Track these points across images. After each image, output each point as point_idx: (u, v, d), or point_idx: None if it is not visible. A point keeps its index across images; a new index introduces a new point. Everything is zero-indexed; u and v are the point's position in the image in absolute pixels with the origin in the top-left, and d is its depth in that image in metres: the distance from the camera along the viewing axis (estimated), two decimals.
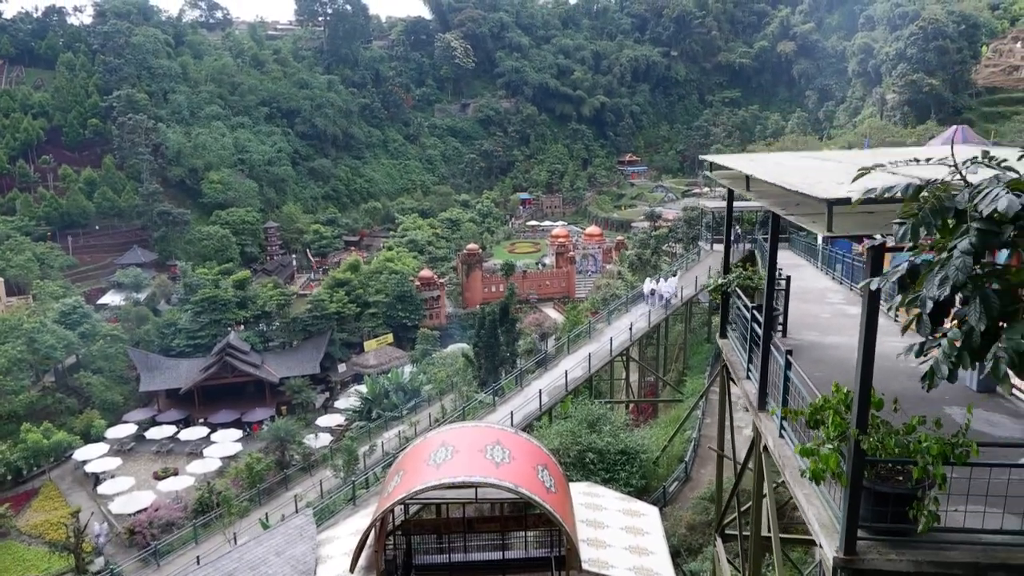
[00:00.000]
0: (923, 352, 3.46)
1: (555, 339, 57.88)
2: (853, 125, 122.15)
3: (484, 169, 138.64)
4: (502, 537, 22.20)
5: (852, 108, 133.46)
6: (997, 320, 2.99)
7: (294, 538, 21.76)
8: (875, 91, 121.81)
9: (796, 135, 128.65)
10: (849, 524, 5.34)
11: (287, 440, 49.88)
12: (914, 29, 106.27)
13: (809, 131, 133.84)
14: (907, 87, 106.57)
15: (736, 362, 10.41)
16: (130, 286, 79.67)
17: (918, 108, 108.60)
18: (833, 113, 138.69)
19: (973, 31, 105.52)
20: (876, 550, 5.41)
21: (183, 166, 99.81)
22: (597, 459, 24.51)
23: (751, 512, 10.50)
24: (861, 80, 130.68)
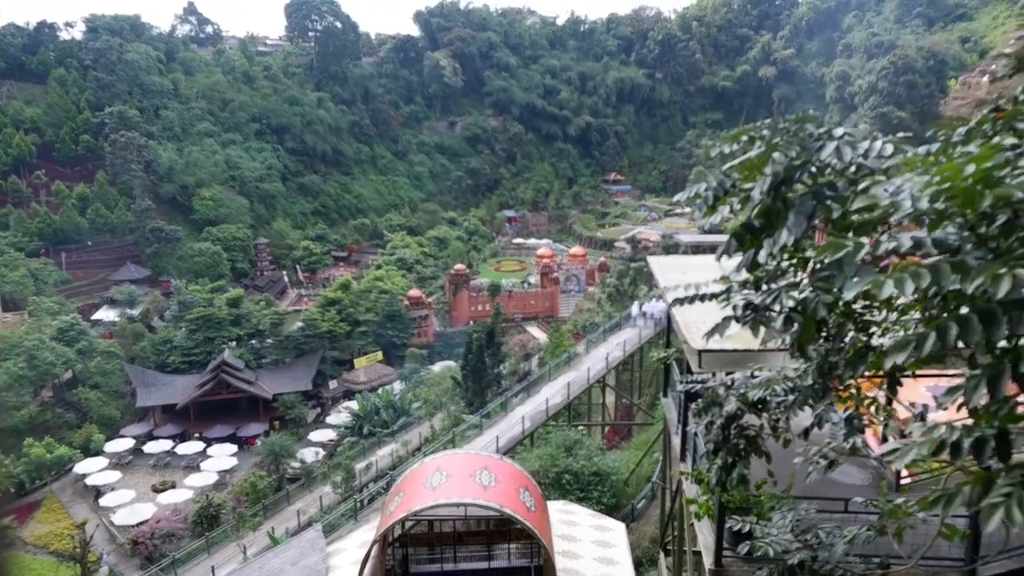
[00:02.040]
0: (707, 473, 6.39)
1: (539, 358, 60.89)
2: None
3: (471, 187, 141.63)
4: (488, 549, 25.33)
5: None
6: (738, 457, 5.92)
7: (307, 550, 24.58)
8: (851, 117, 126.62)
9: None
10: (717, 547, 8.30)
11: (281, 455, 52.43)
12: (885, 64, 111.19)
13: None
14: (878, 119, 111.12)
15: (671, 420, 13.37)
16: (124, 302, 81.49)
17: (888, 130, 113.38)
18: None
19: (941, 66, 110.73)
20: (736, 564, 8.37)
21: (175, 183, 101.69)
22: (573, 480, 27.47)
23: (680, 534, 13.48)
24: (838, 106, 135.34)
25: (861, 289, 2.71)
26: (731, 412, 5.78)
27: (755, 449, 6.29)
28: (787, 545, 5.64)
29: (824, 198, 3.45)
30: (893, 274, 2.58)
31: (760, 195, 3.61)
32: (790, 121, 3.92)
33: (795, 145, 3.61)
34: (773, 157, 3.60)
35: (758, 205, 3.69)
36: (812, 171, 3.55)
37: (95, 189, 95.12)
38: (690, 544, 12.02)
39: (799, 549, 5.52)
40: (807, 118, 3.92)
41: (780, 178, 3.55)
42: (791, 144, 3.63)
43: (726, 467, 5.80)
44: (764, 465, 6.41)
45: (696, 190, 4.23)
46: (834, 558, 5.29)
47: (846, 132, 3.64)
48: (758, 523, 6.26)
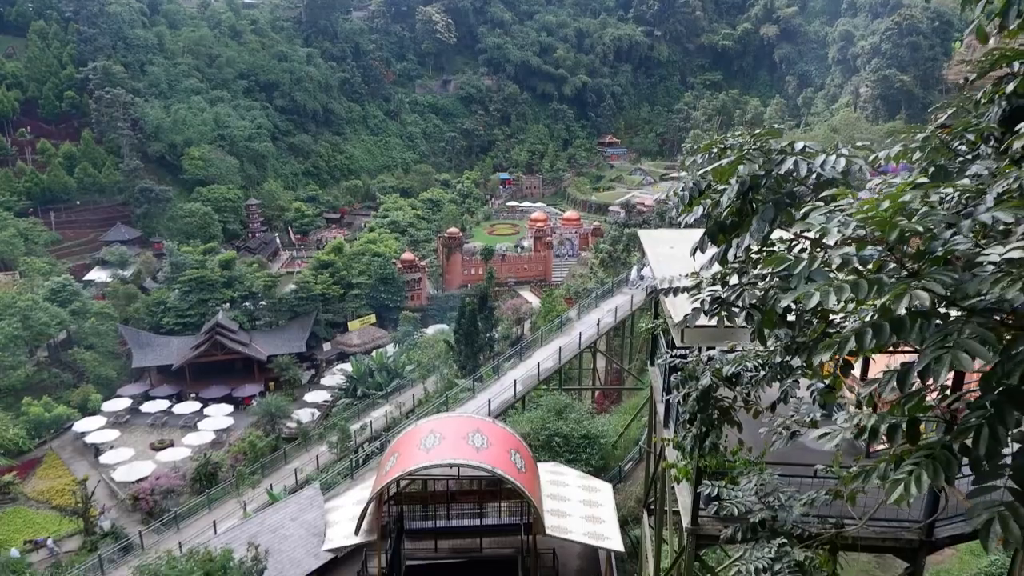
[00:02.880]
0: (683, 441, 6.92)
1: (531, 323, 61.55)
2: (830, 113, 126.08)
3: (465, 148, 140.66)
4: (480, 507, 26.26)
5: (830, 95, 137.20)
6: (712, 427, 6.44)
7: (305, 506, 25.47)
8: (853, 80, 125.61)
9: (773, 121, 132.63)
10: (693, 508, 8.91)
11: (277, 415, 53.27)
12: (890, 24, 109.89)
13: (787, 118, 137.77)
14: (880, 82, 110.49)
15: (656, 388, 13.94)
16: (115, 263, 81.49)
17: (889, 103, 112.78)
18: (812, 100, 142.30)
19: (946, 28, 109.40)
20: (710, 523, 9.00)
21: (163, 141, 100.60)
22: (563, 442, 28.29)
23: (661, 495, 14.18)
24: (840, 67, 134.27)
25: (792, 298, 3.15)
26: (706, 386, 6.27)
27: (728, 419, 6.81)
28: (751, 506, 6.18)
29: (784, 206, 3.87)
30: (819, 287, 3.02)
31: (729, 200, 4.02)
32: (757, 135, 4.31)
33: (760, 157, 4.01)
34: (738, 170, 4.01)
35: (728, 207, 4.11)
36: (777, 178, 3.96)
37: (82, 147, 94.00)
38: (670, 504, 12.70)
39: (761, 510, 6.06)
40: (772, 132, 4.32)
41: (747, 186, 3.96)
42: (756, 157, 4.03)
43: (700, 436, 6.31)
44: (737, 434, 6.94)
45: (675, 189, 4.63)
46: (791, 518, 5.83)
47: (806, 146, 4.05)
48: (726, 487, 6.80)
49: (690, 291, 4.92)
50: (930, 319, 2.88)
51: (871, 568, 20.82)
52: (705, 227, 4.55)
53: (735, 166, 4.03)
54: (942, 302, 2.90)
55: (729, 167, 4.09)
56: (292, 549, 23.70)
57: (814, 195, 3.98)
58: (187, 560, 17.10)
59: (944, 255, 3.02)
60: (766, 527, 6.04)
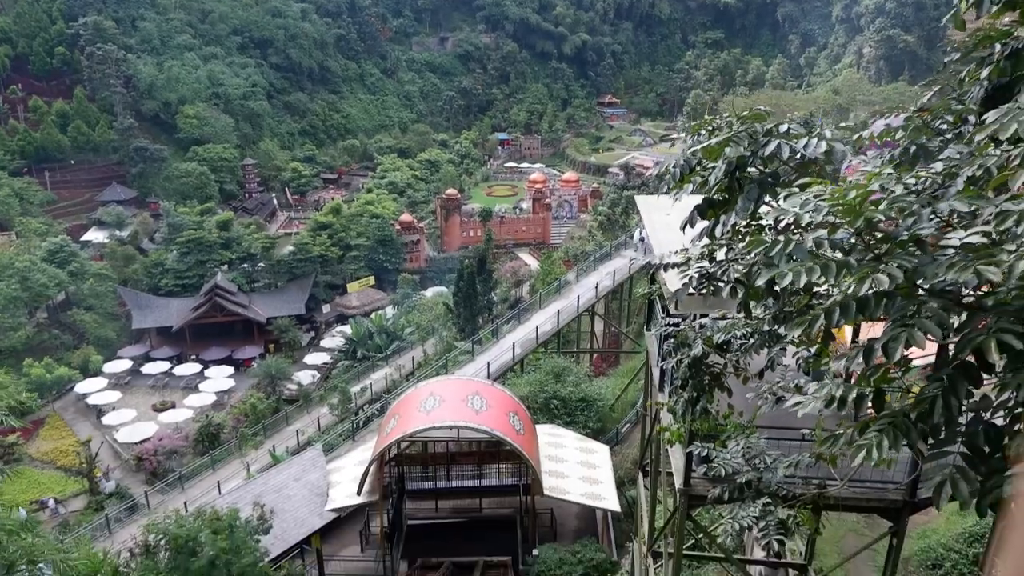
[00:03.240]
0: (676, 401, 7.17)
1: (530, 285, 61.83)
2: (833, 73, 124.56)
3: (463, 107, 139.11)
4: (479, 468, 26.87)
5: (833, 55, 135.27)
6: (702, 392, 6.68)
7: (308, 467, 26.03)
8: (856, 40, 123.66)
9: (775, 81, 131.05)
10: (685, 469, 9.23)
11: (277, 377, 53.84)
12: None
13: (789, 78, 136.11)
14: (883, 42, 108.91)
15: (652, 352, 14.20)
16: (112, 223, 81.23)
17: (892, 64, 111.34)
18: (814, 60, 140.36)
19: None
20: (701, 484, 9.33)
21: (156, 99, 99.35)
22: (560, 405, 28.77)
23: (656, 457, 14.57)
24: (844, 27, 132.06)
25: (768, 277, 3.35)
26: (697, 353, 6.49)
27: (718, 385, 7.06)
28: (738, 468, 6.46)
29: (768, 186, 4.04)
30: (793, 268, 3.21)
31: (716, 179, 4.19)
32: (743, 118, 4.45)
33: (746, 139, 4.16)
34: (725, 151, 4.17)
35: (716, 185, 4.27)
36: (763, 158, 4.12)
37: (75, 106, 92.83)
38: (664, 466, 13.08)
39: (747, 471, 6.34)
40: (758, 116, 4.46)
41: (734, 166, 4.12)
42: (743, 138, 4.18)
43: (692, 400, 6.56)
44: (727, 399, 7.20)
45: (666, 166, 4.79)
46: (775, 479, 6.11)
47: (790, 128, 4.20)
48: (715, 449, 7.08)
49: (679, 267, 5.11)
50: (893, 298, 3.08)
51: (859, 527, 21.44)
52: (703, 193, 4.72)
53: (723, 147, 4.20)
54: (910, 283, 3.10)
55: (717, 147, 4.25)
56: (296, 509, 24.30)
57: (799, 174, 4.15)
58: (195, 519, 17.57)
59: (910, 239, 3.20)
60: (752, 488, 6.33)
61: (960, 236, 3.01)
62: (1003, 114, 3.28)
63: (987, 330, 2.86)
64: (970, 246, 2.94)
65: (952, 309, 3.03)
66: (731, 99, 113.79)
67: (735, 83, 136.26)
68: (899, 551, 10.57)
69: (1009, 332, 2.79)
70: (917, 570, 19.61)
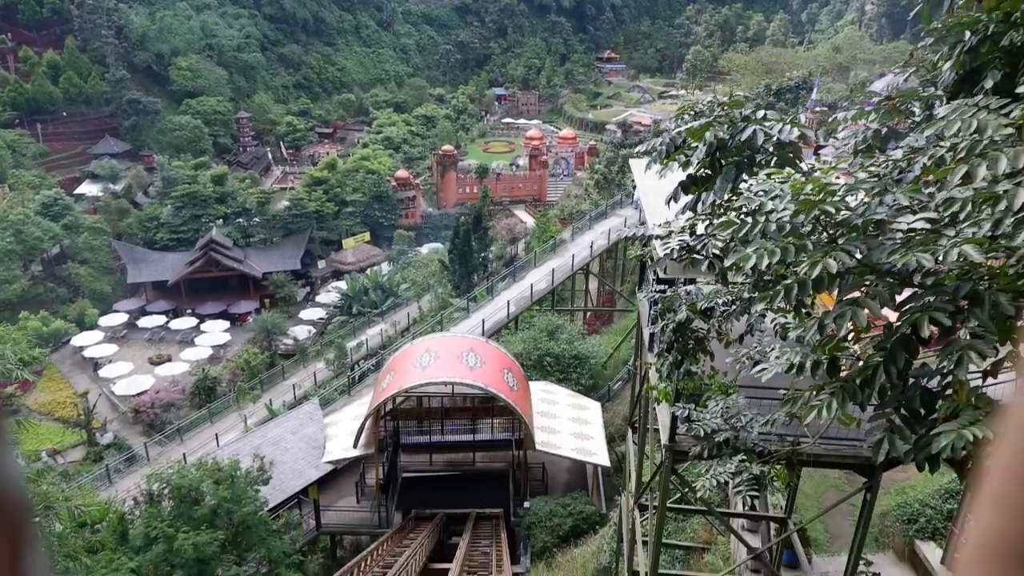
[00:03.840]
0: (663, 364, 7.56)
1: (525, 243, 62.02)
2: (835, 30, 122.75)
3: (460, 62, 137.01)
4: (473, 423, 27.54)
5: (836, 11, 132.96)
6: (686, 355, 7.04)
7: (305, 421, 26.62)
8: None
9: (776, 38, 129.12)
10: (671, 426, 9.68)
11: (273, 332, 54.33)
12: None
13: (790, 34, 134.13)
14: None
15: (643, 314, 14.57)
16: (106, 177, 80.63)
17: (894, 22, 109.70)
18: (816, 16, 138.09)
19: None
20: (686, 441, 9.78)
21: (149, 51, 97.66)
22: (554, 362, 29.31)
23: (644, 414, 15.08)
24: None
25: (734, 260, 3.67)
26: (682, 319, 6.84)
27: (701, 348, 7.43)
28: (716, 426, 6.87)
29: (745, 166, 4.32)
30: (756, 250, 3.53)
31: (699, 160, 4.47)
32: (723, 104, 4.71)
33: (725, 123, 4.43)
34: (705, 136, 4.44)
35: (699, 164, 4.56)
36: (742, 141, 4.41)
37: (66, 56, 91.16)
38: (652, 423, 13.55)
39: (725, 430, 6.75)
40: (736, 103, 4.70)
41: (714, 147, 4.40)
42: (723, 123, 4.45)
43: (676, 363, 6.93)
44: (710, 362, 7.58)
45: (653, 144, 5.06)
46: (750, 437, 6.52)
47: (767, 113, 4.46)
48: (696, 409, 7.48)
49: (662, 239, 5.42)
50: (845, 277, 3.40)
51: (841, 484, 22.23)
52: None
53: (704, 130, 4.46)
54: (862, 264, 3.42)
55: (700, 129, 4.52)
56: (294, 461, 24.95)
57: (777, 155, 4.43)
58: (197, 469, 18.11)
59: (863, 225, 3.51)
60: (729, 445, 6.74)
61: (908, 221, 3.31)
62: (952, 110, 3.54)
63: (924, 307, 3.19)
64: (914, 231, 3.24)
65: (896, 288, 3.36)
66: (731, 55, 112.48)
67: (735, 39, 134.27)
68: (872, 505, 11.10)
69: (941, 310, 3.11)
70: (894, 524, 20.42)
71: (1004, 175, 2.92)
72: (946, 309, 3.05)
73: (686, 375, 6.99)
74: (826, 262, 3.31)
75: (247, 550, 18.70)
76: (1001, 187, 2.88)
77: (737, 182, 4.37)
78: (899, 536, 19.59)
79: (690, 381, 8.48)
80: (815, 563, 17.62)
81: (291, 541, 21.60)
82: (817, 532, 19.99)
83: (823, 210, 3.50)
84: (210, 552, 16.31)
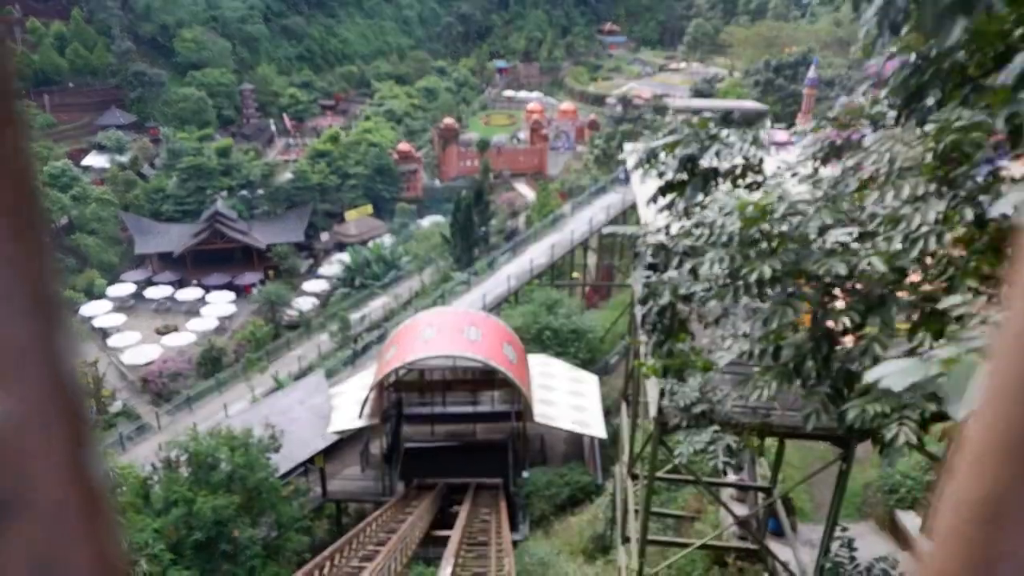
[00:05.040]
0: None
1: (526, 217, 62.51)
2: (836, 8, 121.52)
3: (461, 34, 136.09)
4: (474, 396, 28.45)
5: None
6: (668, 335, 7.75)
7: (311, 392, 27.51)
8: None
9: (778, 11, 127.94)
10: (659, 400, 10.43)
11: (277, 303, 55.16)
12: None
13: (792, 7, 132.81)
14: None
15: (636, 292, 15.26)
16: (112, 148, 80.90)
17: None
18: None
19: None
20: (672, 412, 10.54)
21: (153, 22, 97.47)
22: (552, 336, 30.09)
23: (637, 387, 15.85)
24: None
25: (692, 264, 4.37)
26: (664, 303, 7.54)
27: (683, 329, 8.15)
28: (694, 400, 7.60)
29: (711, 177, 4.99)
30: (711, 257, 4.22)
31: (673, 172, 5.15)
32: (692, 124, 5.36)
33: (694, 142, 5.09)
34: (676, 152, 5.11)
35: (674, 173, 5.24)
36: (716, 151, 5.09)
37: (72, 27, 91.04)
38: (644, 396, 14.32)
39: (701, 403, 7.48)
40: (703, 123, 5.35)
41: (685, 161, 5.06)
42: (691, 141, 5.12)
43: (659, 343, 7.64)
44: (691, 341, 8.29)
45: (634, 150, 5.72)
46: (724, 410, 7.25)
47: (730, 133, 5.12)
48: (676, 384, 8.21)
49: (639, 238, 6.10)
50: (782, 281, 4.09)
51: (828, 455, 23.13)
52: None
53: (676, 146, 5.13)
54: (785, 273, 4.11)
55: (673, 144, 5.18)
56: (301, 430, 25.84)
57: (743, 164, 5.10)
58: (212, 437, 18.98)
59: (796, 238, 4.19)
60: (706, 416, 7.47)
61: (836, 234, 3.99)
62: (876, 141, 4.18)
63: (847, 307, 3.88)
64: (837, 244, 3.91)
65: (820, 291, 4.05)
66: (732, 29, 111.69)
67: (737, 11, 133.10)
68: (847, 475, 11.88)
69: (854, 310, 3.80)
70: (876, 495, 21.35)
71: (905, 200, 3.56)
72: (858, 309, 3.73)
73: (668, 353, 7.70)
74: (762, 269, 3.99)
75: (259, 514, 19.66)
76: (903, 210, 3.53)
77: (705, 190, 5.03)
78: (880, 506, 20.50)
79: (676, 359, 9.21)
80: (800, 531, 18.55)
81: (299, 507, 22.57)
82: (803, 502, 20.92)
83: (761, 228, 4.17)
84: (227, 515, 17.28)
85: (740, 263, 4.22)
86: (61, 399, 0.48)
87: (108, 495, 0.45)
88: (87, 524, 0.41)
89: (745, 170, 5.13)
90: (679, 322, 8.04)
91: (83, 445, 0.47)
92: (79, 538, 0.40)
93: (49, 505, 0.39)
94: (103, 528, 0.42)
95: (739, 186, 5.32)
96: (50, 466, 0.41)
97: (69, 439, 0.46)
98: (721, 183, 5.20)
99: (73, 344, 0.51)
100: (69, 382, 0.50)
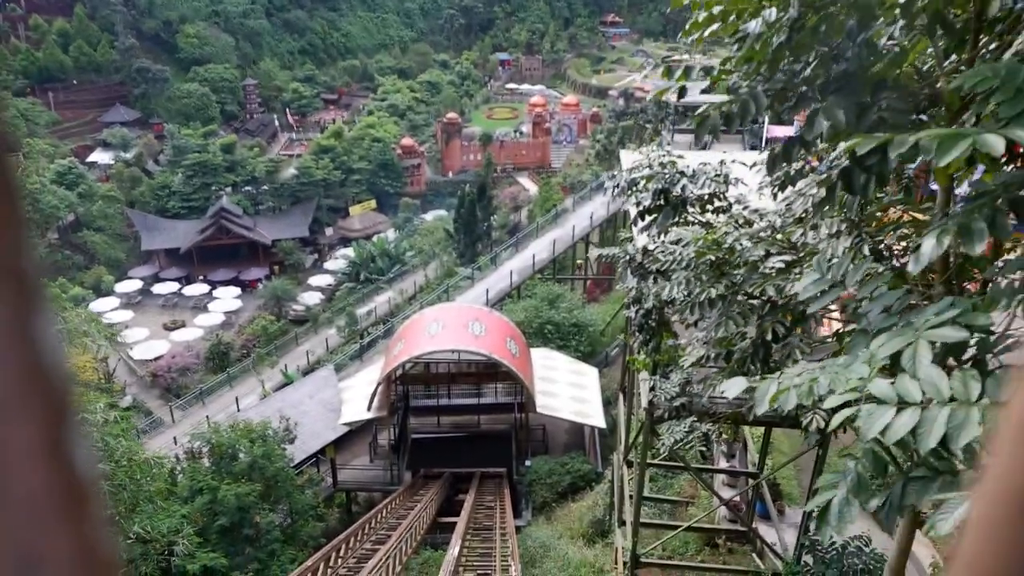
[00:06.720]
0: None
1: (528, 211, 63.31)
2: None
3: (464, 26, 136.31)
4: (478, 388, 29.43)
5: None
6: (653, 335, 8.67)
7: (321, 385, 28.52)
8: None
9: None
10: (650, 391, 11.38)
11: (283, 298, 56.12)
12: None
13: None
14: None
15: None
16: (117, 145, 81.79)
17: None
18: None
19: None
20: (662, 405, 11.50)
21: (156, 18, 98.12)
22: (554, 330, 31.03)
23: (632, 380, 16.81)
24: None
25: (657, 288, 5.28)
26: (648, 308, 8.46)
27: (667, 330, 9.06)
28: (675, 393, 8.53)
29: (681, 206, 5.90)
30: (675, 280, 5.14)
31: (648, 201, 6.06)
32: (663, 163, 6.28)
33: (664, 178, 6.01)
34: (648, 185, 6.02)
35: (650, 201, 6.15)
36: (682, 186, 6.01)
37: (75, 24, 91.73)
38: (637, 388, 15.26)
39: (680, 396, 8.41)
40: (672, 162, 6.27)
41: (659, 191, 5.97)
42: (662, 177, 6.03)
43: (645, 341, 8.56)
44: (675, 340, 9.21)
45: (616, 180, 6.65)
46: (701, 403, 8.18)
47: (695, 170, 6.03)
48: (659, 380, 9.14)
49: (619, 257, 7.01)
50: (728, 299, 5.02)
51: None
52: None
53: (649, 180, 6.04)
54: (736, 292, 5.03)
55: (648, 179, 6.10)
56: (312, 423, 26.84)
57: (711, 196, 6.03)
58: (231, 429, 20.01)
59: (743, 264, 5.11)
60: (685, 408, 8.38)
61: (774, 261, 4.90)
62: (806, 184, 5.07)
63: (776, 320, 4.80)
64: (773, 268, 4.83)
65: (757, 308, 4.97)
66: None
67: None
68: (823, 461, 12.83)
69: (779, 323, 4.72)
70: None
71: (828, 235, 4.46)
72: (783, 323, 4.64)
73: (654, 351, 8.62)
74: (710, 290, 4.92)
75: (276, 501, 20.72)
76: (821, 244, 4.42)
77: (676, 217, 5.95)
78: None
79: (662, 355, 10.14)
80: (788, 514, 19.53)
81: (313, 495, 23.61)
82: (792, 487, 21.84)
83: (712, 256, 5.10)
84: (249, 502, 18.36)
85: (695, 285, 5.13)
86: (39, 383, 0.42)
87: (92, 484, 0.40)
88: (69, 514, 0.38)
89: (712, 198, 6.04)
90: (663, 323, 8.95)
91: (64, 431, 0.42)
92: (61, 528, 0.37)
93: (28, 494, 0.35)
94: (87, 518, 0.39)
95: (708, 211, 6.29)
96: (27, 453, 0.37)
97: (49, 425, 0.41)
98: (692, 208, 6.11)
99: (52, 325, 0.44)
100: (48, 365, 0.43)
